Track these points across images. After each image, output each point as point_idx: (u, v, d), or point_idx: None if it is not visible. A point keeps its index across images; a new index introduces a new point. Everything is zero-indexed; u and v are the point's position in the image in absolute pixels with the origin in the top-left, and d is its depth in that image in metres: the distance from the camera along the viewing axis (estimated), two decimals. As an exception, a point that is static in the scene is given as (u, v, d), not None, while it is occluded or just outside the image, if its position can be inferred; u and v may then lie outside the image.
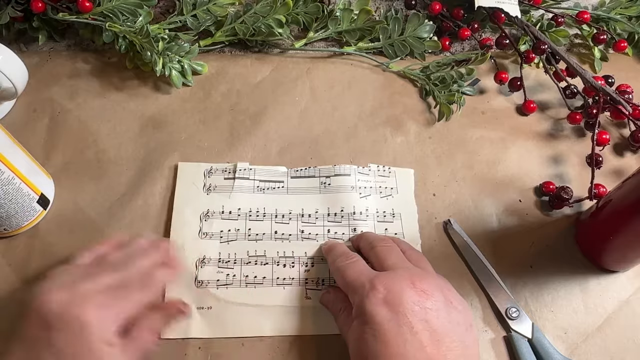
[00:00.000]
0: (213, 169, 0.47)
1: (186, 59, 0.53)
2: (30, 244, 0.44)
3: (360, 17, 0.55)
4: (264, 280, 0.42)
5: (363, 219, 0.45)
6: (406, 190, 0.48)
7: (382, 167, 0.49)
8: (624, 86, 0.53)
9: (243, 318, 0.41)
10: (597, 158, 0.48)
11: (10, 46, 0.46)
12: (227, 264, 0.43)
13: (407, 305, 0.33)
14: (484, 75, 0.56)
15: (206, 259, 0.43)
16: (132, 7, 0.52)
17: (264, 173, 0.48)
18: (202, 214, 0.45)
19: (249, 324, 0.41)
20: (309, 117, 0.52)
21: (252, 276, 0.42)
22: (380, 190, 0.47)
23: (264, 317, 0.41)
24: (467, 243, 0.45)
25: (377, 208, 0.46)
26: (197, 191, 0.46)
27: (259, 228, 0.45)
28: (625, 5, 0.59)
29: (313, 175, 0.48)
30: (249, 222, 0.45)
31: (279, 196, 0.46)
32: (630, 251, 0.43)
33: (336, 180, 0.47)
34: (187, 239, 0.44)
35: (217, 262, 0.43)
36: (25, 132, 0.50)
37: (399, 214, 0.46)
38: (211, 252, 0.43)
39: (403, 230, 0.46)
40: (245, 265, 0.43)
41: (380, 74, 0.56)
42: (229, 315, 0.41)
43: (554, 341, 0.42)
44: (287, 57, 0.57)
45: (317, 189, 0.47)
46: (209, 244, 0.44)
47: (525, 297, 0.44)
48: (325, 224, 0.45)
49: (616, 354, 0.42)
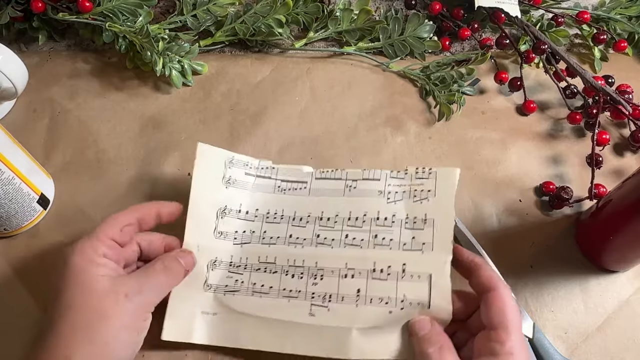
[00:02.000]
0: (235, 160, 0.43)
1: (186, 59, 0.53)
2: (30, 244, 0.44)
3: (360, 17, 0.55)
4: (271, 290, 0.39)
5: (388, 224, 0.40)
6: (445, 192, 0.40)
7: (422, 169, 0.42)
8: (624, 86, 0.53)
9: (244, 328, 0.39)
10: (597, 158, 0.48)
11: (10, 46, 0.46)
12: (238, 269, 0.40)
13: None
14: (484, 75, 0.56)
15: (217, 261, 0.41)
16: (132, 7, 0.52)
17: (287, 173, 0.44)
18: (219, 210, 0.42)
19: (250, 335, 0.38)
20: (309, 117, 0.52)
21: (260, 284, 0.40)
22: (415, 193, 0.41)
23: (264, 330, 0.38)
24: (471, 242, 0.45)
25: (407, 214, 0.40)
26: (216, 182, 0.42)
27: (274, 231, 0.42)
28: (625, 5, 0.59)
29: (340, 177, 0.43)
30: (265, 224, 0.42)
31: (300, 197, 0.43)
32: (630, 251, 0.43)
33: (363, 184, 0.42)
34: (203, 237, 0.41)
35: (228, 265, 0.41)
36: (25, 132, 0.50)
37: (432, 220, 0.39)
38: (223, 255, 0.41)
39: (434, 240, 0.38)
40: (255, 272, 0.40)
41: (380, 74, 0.56)
42: (231, 325, 0.39)
43: (554, 341, 0.42)
44: (287, 57, 0.57)
45: (342, 192, 0.43)
46: (222, 245, 0.41)
47: (525, 297, 0.44)
48: (345, 228, 0.41)
49: (616, 354, 0.42)
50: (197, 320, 0.39)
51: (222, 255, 0.41)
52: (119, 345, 0.32)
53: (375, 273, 0.38)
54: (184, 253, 0.39)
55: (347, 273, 0.39)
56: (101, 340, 0.31)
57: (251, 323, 0.39)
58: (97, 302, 0.32)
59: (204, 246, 0.40)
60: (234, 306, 0.39)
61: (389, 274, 0.38)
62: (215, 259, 0.41)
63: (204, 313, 0.39)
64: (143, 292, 0.34)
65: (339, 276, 0.39)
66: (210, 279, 0.40)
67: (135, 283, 0.34)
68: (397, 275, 0.38)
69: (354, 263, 0.39)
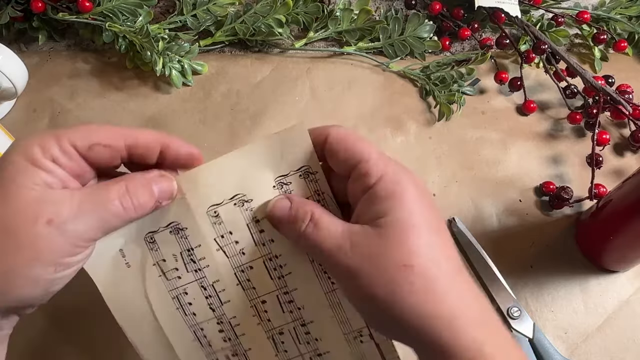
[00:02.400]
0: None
1: (186, 58, 0.53)
2: (30, 244, 0.44)
3: (360, 17, 0.55)
4: (193, 317, 0.32)
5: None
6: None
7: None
8: (624, 86, 0.53)
9: (140, 315, 0.31)
10: (597, 158, 0.48)
11: (10, 46, 0.47)
12: (191, 261, 0.31)
13: None
14: (484, 75, 0.56)
15: (183, 230, 0.30)
16: (132, 7, 0.52)
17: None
18: (238, 198, 0.30)
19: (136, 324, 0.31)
20: (309, 117, 0.52)
21: (190, 299, 0.31)
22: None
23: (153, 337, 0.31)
24: (470, 242, 0.45)
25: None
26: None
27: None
28: (625, 5, 0.59)
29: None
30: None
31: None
32: (630, 251, 0.43)
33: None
34: (204, 200, 0.30)
35: (188, 251, 0.31)
36: (25, 132, 0.50)
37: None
38: (198, 234, 0.30)
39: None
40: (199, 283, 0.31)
41: (380, 74, 0.56)
42: (134, 302, 0.31)
43: (554, 341, 0.42)
44: (287, 57, 0.57)
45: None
46: (206, 225, 0.30)
47: (525, 297, 0.44)
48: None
49: (616, 354, 0.42)
50: (108, 254, 0.29)
51: (197, 233, 0.30)
52: (24, 280, 0.25)
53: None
54: (162, 178, 0.28)
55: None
56: (5, 265, 0.24)
57: (149, 323, 0.31)
58: (11, 220, 0.24)
59: (193, 207, 0.29)
60: (148, 289, 0.30)
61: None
62: (184, 228, 0.30)
63: (120, 252, 0.30)
64: (78, 221, 0.25)
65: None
66: (158, 239, 0.30)
67: (70, 206, 0.25)
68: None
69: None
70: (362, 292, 0.26)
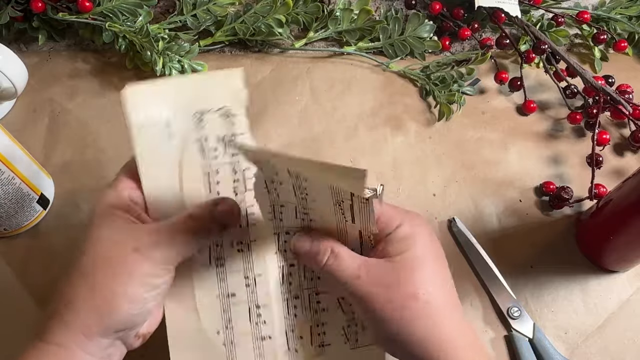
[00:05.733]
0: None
1: (186, 58, 0.53)
2: (30, 244, 0.44)
3: (360, 17, 0.55)
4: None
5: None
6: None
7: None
8: (624, 86, 0.53)
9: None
10: (597, 158, 0.48)
11: (10, 46, 0.46)
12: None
13: None
14: (484, 75, 0.56)
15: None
16: (132, 7, 0.52)
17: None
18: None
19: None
20: (309, 117, 0.52)
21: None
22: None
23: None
24: (470, 242, 0.45)
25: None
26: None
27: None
28: (625, 5, 0.59)
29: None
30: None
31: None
32: (630, 251, 0.43)
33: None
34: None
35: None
36: (25, 132, 0.50)
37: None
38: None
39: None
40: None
41: (380, 74, 0.56)
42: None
43: (554, 341, 0.42)
44: (287, 57, 0.57)
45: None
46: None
47: (525, 297, 0.44)
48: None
49: (616, 354, 0.42)
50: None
51: (244, 124, 0.33)
52: (123, 299, 0.29)
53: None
54: (221, 199, 0.31)
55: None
56: (106, 289, 0.29)
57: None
58: (107, 251, 0.29)
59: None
60: (185, 159, 0.32)
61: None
62: (234, 114, 0.33)
63: (167, 122, 0.32)
64: (159, 247, 0.29)
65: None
66: (205, 118, 0.32)
67: (149, 235, 0.30)
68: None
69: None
70: (375, 315, 0.30)
